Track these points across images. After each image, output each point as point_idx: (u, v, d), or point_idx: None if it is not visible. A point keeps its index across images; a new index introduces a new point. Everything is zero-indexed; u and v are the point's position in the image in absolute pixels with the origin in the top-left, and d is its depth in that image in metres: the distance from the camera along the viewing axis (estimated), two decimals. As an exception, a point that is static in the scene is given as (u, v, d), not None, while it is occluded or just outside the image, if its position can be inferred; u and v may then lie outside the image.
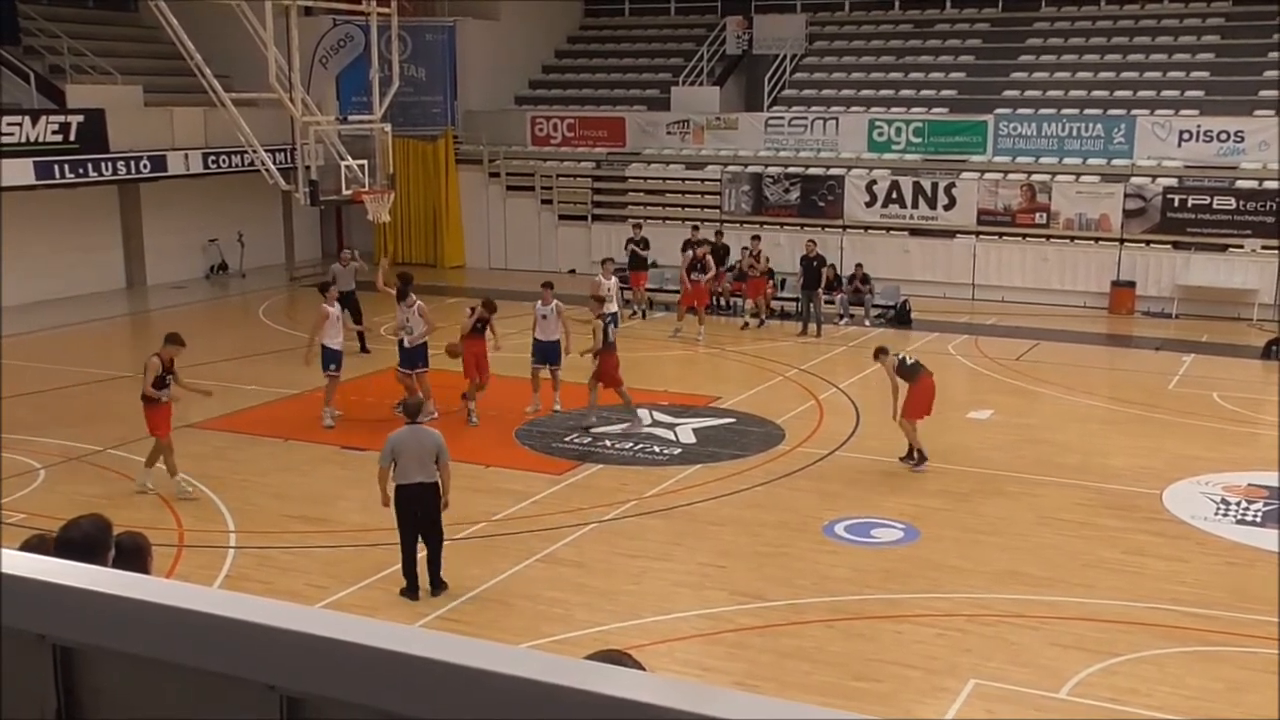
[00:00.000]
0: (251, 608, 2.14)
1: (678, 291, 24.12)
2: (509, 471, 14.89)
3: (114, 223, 28.30)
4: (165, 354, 13.96)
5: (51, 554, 4.14)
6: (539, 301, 17.53)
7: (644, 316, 24.86)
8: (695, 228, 26.06)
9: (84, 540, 5.02)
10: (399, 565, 11.37)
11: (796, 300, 25.35)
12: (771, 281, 25.32)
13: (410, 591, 11.17)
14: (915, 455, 14.91)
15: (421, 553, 11.28)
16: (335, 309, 17.22)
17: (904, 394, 14.95)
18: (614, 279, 20.43)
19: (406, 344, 16.94)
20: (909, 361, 15.08)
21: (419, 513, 11.10)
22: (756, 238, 25.51)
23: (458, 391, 17.34)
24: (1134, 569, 11.86)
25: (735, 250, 26.27)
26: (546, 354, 17.45)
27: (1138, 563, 12.02)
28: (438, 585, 11.27)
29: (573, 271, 29.57)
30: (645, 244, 25.60)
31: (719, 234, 26.33)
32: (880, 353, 15.38)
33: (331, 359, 16.82)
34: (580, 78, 34.45)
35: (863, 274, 24.97)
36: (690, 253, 23.59)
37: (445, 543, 11.35)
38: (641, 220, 27.58)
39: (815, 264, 23.48)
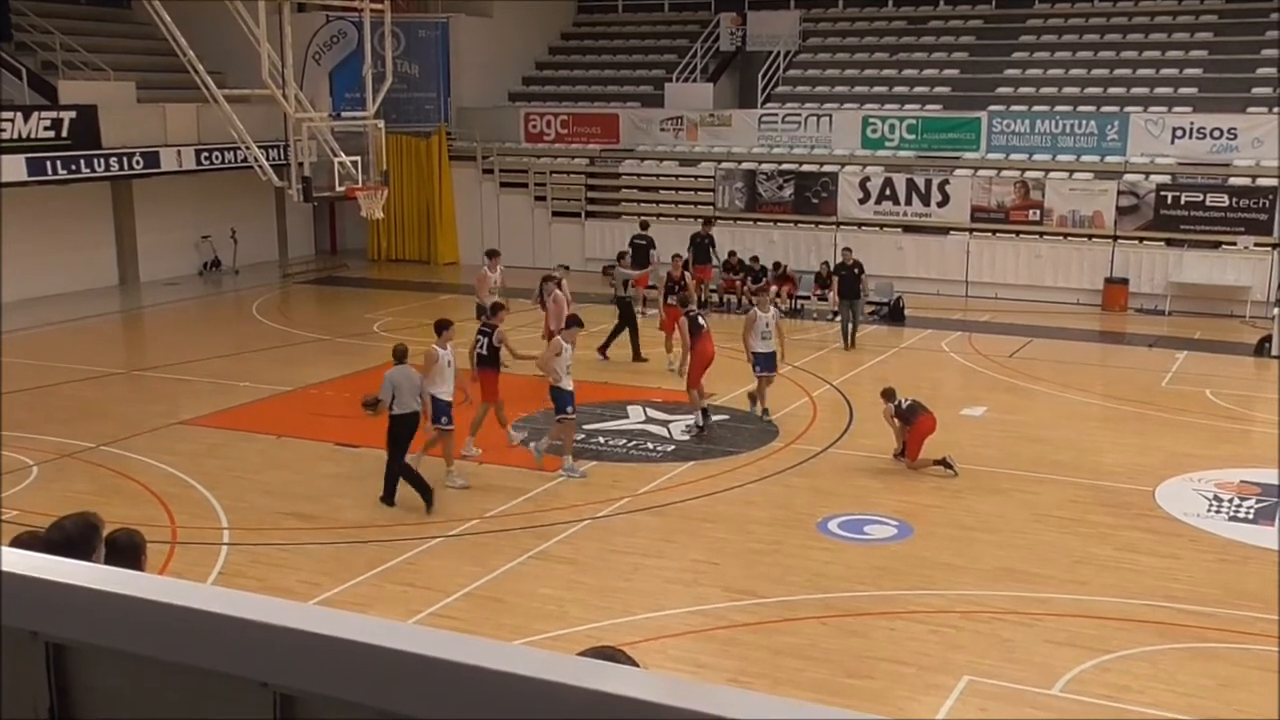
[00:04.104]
0: (245, 605, 2.13)
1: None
2: (502, 468, 14.87)
3: (106, 219, 28.23)
4: (498, 319, 15.25)
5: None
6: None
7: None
8: (676, 256, 22.53)
9: (65, 541, 4.99)
10: (394, 562, 11.69)
11: (803, 298, 25.39)
12: (767, 279, 25.36)
13: (388, 498, 13.29)
14: (945, 465, 14.70)
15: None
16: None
17: (902, 435, 14.92)
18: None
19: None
20: (904, 405, 14.98)
21: (404, 436, 13.15)
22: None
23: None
24: (1127, 566, 11.88)
25: (726, 246, 26.33)
26: None
27: (1131, 560, 12.04)
28: (390, 498, 13.27)
29: (566, 268, 29.52)
30: (651, 243, 25.17)
31: (709, 223, 25.95)
32: (887, 395, 15.12)
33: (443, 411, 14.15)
34: (574, 74, 34.42)
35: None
36: (665, 274, 21.56)
37: (438, 539, 11.44)
38: (649, 219, 27.32)
39: (857, 271, 22.12)
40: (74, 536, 5.09)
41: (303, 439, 15.97)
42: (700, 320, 16.95)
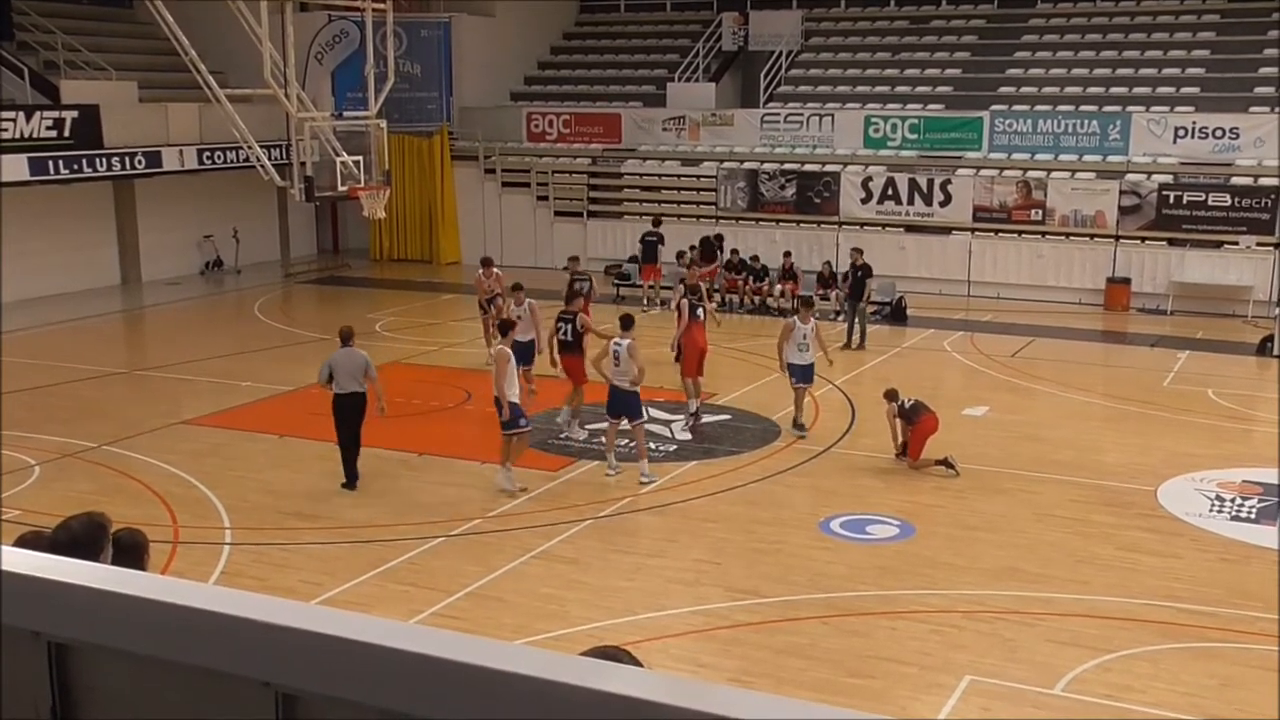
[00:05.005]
0: (247, 604, 2.13)
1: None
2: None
3: (108, 219, 28.25)
4: (577, 305, 16.39)
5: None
6: (511, 302, 17.56)
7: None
8: (693, 263, 22.16)
9: (72, 542, 4.97)
10: (396, 561, 11.75)
11: (796, 293, 25.37)
12: (768, 279, 25.42)
13: (350, 484, 13.97)
14: (947, 464, 14.70)
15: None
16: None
17: (904, 435, 14.93)
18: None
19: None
20: (908, 405, 14.99)
21: (349, 416, 13.77)
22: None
23: (446, 387, 17.26)
24: (1129, 565, 11.88)
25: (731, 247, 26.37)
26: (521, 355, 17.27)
27: (1132, 559, 12.04)
28: (352, 480, 13.95)
29: (576, 259, 29.52)
30: (660, 239, 25.64)
31: (720, 238, 26.43)
32: (890, 395, 15.15)
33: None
34: (576, 74, 34.42)
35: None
36: (681, 279, 20.49)
37: (440, 539, 11.47)
38: (660, 216, 27.43)
39: (860, 274, 21.90)
40: (81, 537, 5.08)
41: (305, 439, 15.95)
42: (698, 310, 17.10)
